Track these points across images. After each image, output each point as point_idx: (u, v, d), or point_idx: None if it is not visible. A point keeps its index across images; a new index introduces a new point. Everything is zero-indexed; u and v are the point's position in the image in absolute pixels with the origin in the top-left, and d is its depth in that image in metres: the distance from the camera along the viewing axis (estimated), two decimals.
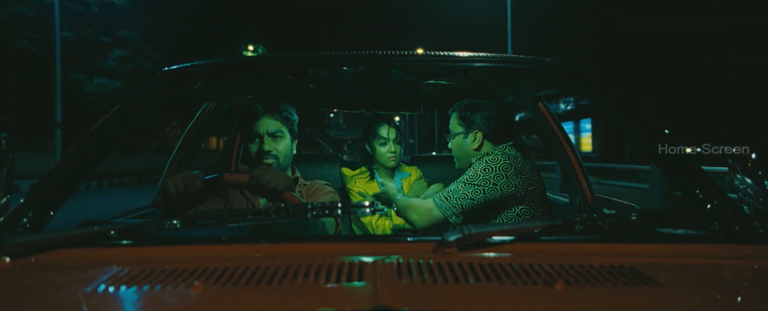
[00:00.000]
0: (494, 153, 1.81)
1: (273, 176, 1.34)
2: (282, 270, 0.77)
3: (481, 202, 1.71)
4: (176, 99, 1.62)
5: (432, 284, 0.71)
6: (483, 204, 1.71)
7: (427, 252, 0.88)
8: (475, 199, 1.71)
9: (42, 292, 0.79)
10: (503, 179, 1.72)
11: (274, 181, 1.33)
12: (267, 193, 1.35)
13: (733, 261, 0.91)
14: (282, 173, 1.37)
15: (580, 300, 0.70)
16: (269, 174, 1.34)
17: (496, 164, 1.75)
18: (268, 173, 1.34)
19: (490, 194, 1.71)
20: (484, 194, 1.71)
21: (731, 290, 0.82)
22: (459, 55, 1.45)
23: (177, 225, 0.93)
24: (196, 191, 1.32)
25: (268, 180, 1.33)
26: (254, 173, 1.35)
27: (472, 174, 1.75)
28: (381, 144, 2.33)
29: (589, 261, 0.83)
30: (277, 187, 1.34)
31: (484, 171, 1.74)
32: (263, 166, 1.46)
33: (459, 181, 1.76)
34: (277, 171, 1.37)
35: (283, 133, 1.77)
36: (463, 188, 1.73)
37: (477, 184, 1.72)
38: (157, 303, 0.70)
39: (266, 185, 1.33)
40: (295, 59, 1.54)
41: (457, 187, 1.74)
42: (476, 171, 1.75)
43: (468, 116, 1.89)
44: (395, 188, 1.95)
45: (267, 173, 1.35)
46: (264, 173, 1.34)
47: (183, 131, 2.21)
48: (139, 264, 0.84)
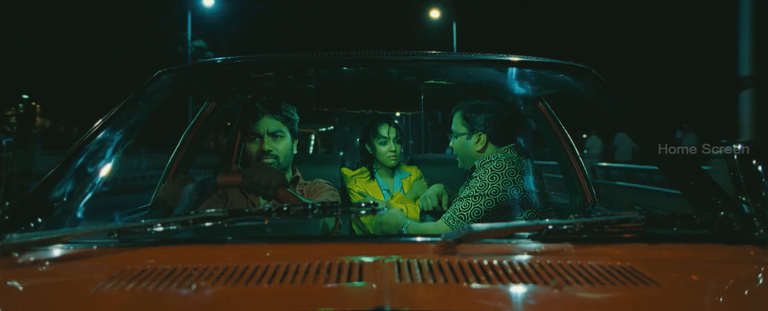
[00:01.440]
0: (498, 159, 1.80)
1: (265, 174, 1.33)
2: (282, 270, 0.77)
3: (494, 211, 1.70)
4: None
5: (432, 284, 0.71)
6: (495, 213, 1.70)
7: (427, 252, 0.88)
8: (489, 210, 1.69)
9: (42, 292, 0.79)
10: (511, 185, 1.72)
11: (267, 178, 1.33)
12: (261, 191, 1.34)
13: (733, 261, 0.91)
14: (275, 170, 1.36)
15: (580, 300, 0.70)
16: (261, 172, 1.34)
17: (501, 171, 1.74)
18: (260, 171, 1.34)
19: (501, 201, 1.70)
20: (495, 203, 1.70)
21: (731, 290, 0.82)
22: (460, 55, 1.45)
23: (177, 225, 0.93)
24: (190, 194, 1.32)
25: (261, 178, 1.32)
26: (246, 172, 1.35)
27: (480, 185, 1.73)
28: (381, 143, 2.33)
29: (589, 261, 0.83)
30: (269, 184, 1.33)
31: (492, 179, 1.73)
32: (255, 164, 1.46)
33: (467, 196, 1.73)
34: (270, 168, 1.37)
35: (284, 133, 1.77)
36: (474, 202, 1.71)
37: (487, 194, 1.71)
38: (157, 303, 0.70)
39: (259, 183, 1.32)
40: (296, 59, 1.54)
41: (468, 203, 1.71)
42: (483, 181, 1.73)
43: (472, 116, 1.88)
44: (401, 213, 1.89)
45: (259, 171, 1.34)
46: (256, 171, 1.34)
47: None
48: (139, 264, 0.84)
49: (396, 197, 2.28)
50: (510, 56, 1.49)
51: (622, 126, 1.40)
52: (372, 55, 1.47)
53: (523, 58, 1.49)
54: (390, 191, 2.38)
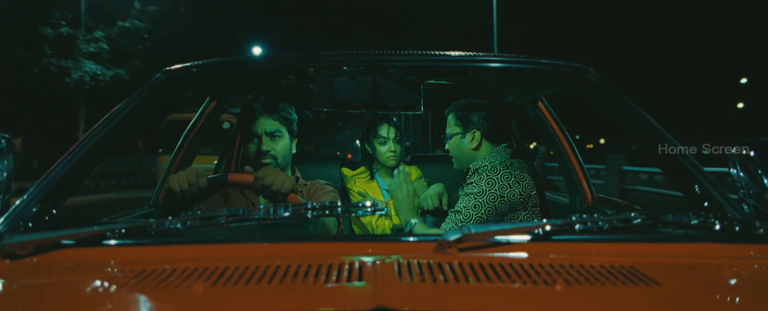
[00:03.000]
0: (491, 163, 1.80)
1: (278, 178, 1.33)
2: (282, 270, 0.77)
3: (493, 216, 1.71)
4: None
5: (432, 284, 0.71)
6: (493, 217, 1.71)
7: (427, 252, 0.88)
8: (489, 217, 1.70)
9: (42, 292, 0.79)
10: (508, 189, 1.72)
11: (279, 183, 1.33)
12: (271, 194, 1.34)
13: (733, 261, 0.91)
14: (287, 176, 1.36)
15: (580, 300, 0.70)
16: (274, 176, 1.34)
17: (496, 175, 1.74)
18: (272, 175, 1.34)
19: (500, 207, 1.71)
20: (495, 209, 1.70)
21: (731, 290, 0.82)
22: (459, 55, 1.45)
23: (177, 225, 0.93)
24: (200, 189, 1.32)
25: (273, 182, 1.33)
26: (259, 174, 1.34)
27: (477, 191, 1.73)
28: (381, 143, 2.33)
29: (589, 261, 0.83)
30: (281, 189, 1.33)
31: (489, 185, 1.73)
32: (267, 167, 1.46)
33: (467, 205, 1.72)
34: (282, 173, 1.37)
35: (282, 133, 1.77)
36: (474, 210, 1.71)
37: (485, 201, 1.71)
38: (157, 303, 0.70)
39: (271, 187, 1.33)
40: (296, 59, 1.54)
41: (468, 213, 1.71)
42: (480, 188, 1.73)
43: (465, 115, 1.88)
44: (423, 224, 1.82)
45: (271, 174, 1.34)
46: (269, 174, 1.34)
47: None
48: (139, 263, 0.84)
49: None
50: (510, 56, 1.49)
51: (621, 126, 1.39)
52: (372, 55, 1.47)
53: (523, 58, 1.49)
54: (390, 191, 2.38)
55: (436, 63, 1.51)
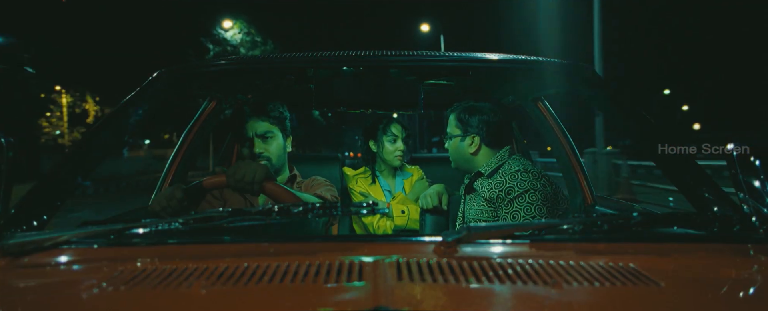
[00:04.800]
0: (511, 167, 1.78)
1: (248, 169, 1.31)
2: (282, 270, 0.77)
3: (548, 210, 1.67)
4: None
5: (432, 284, 0.71)
6: (549, 210, 1.67)
7: (427, 252, 0.88)
8: (542, 207, 1.66)
9: (42, 292, 0.79)
10: (541, 180, 1.71)
11: (251, 173, 1.31)
12: (246, 187, 1.32)
13: (733, 261, 0.91)
14: (258, 164, 1.34)
15: (580, 300, 0.70)
16: (244, 168, 1.31)
17: (526, 167, 1.74)
18: (242, 168, 1.32)
19: (549, 195, 1.68)
20: (544, 198, 1.67)
21: (731, 290, 0.82)
22: (459, 55, 1.45)
23: (177, 225, 0.93)
24: (179, 201, 1.31)
25: (244, 174, 1.31)
26: (229, 171, 1.33)
27: (517, 184, 1.69)
28: (390, 141, 2.32)
29: (589, 261, 0.83)
30: (254, 178, 1.31)
31: (524, 177, 1.70)
32: (237, 161, 1.46)
33: (518, 195, 1.67)
34: (253, 163, 1.34)
35: (273, 133, 1.76)
36: (524, 205, 1.67)
37: (535, 188, 1.67)
38: (156, 303, 0.70)
39: (243, 180, 1.30)
40: (296, 60, 1.54)
41: (519, 206, 1.67)
42: (518, 181, 1.70)
43: (466, 118, 1.87)
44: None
45: (241, 168, 1.32)
46: (238, 168, 1.32)
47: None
48: (139, 264, 0.84)
49: (397, 198, 2.28)
50: (510, 56, 1.49)
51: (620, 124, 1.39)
52: (372, 55, 1.47)
53: (522, 57, 1.49)
54: (392, 192, 2.37)
55: (436, 63, 1.51)
